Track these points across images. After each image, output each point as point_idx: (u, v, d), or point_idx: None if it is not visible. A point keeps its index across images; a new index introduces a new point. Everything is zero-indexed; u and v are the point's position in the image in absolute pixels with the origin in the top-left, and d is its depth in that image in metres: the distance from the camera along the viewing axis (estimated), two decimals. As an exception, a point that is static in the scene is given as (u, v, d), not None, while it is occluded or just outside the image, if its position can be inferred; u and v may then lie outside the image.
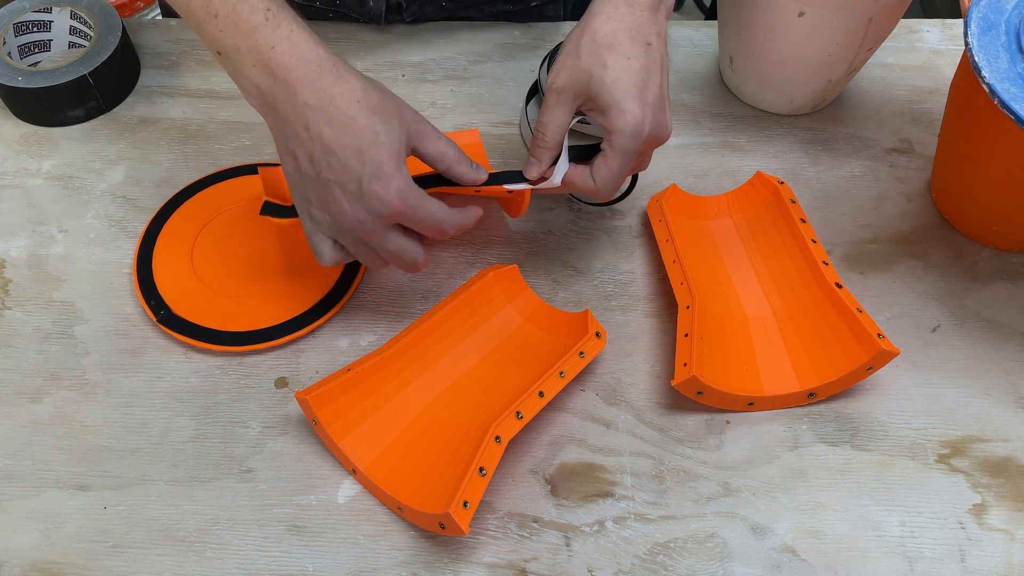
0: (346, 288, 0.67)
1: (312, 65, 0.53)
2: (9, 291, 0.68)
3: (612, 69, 0.56)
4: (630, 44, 0.56)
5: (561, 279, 0.69)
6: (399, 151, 0.55)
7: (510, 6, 0.87)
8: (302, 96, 0.53)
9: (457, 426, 0.59)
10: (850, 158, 0.76)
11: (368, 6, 0.83)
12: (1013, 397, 0.63)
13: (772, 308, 0.65)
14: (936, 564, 0.56)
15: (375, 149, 0.54)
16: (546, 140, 0.59)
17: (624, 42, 0.56)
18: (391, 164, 0.54)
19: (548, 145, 0.59)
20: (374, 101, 0.54)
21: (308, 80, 0.53)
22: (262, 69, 0.54)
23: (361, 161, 0.53)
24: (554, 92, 0.58)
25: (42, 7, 0.79)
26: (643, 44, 0.57)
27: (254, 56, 0.54)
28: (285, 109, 0.54)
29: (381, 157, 0.54)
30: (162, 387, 0.63)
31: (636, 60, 0.56)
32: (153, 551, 0.56)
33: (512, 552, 0.56)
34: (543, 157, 0.60)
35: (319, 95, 0.53)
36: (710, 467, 0.60)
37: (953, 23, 0.86)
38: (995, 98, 0.55)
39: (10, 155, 0.76)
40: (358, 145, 0.53)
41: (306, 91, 0.53)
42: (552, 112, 0.59)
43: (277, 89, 0.54)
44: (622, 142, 0.57)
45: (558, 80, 0.58)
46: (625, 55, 0.56)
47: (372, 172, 0.54)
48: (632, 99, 0.56)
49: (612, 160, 0.57)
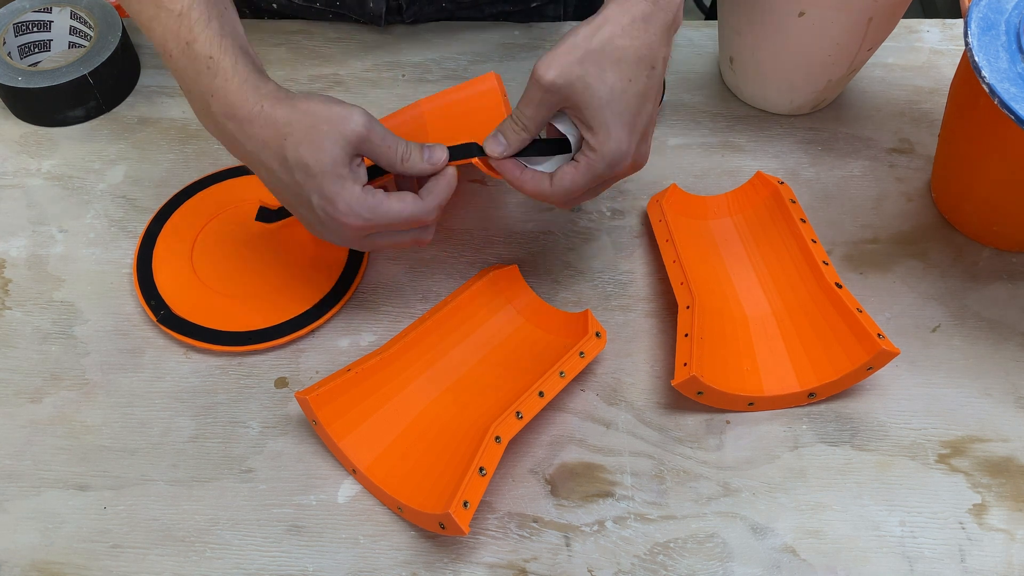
0: (346, 288, 0.67)
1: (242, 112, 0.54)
2: (9, 291, 0.68)
3: (611, 89, 0.53)
4: (636, 65, 0.53)
5: (561, 279, 0.69)
6: (339, 168, 0.54)
7: (510, 7, 0.87)
8: (241, 142, 0.55)
9: (457, 426, 0.59)
10: (850, 158, 0.76)
11: (368, 7, 0.83)
12: (1013, 397, 0.63)
13: (772, 308, 0.65)
14: (936, 564, 0.56)
15: (311, 180, 0.54)
16: (526, 131, 0.56)
17: (632, 62, 0.53)
18: (334, 186, 0.53)
19: (525, 135, 0.56)
20: (301, 134, 0.53)
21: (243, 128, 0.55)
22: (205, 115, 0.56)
23: (304, 194, 0.55)
24: (543, 88, 0.53)
25: (42, 7, 0.79)
26: (649, 67, 0.54)
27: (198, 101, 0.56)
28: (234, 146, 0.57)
29: (321, 185, 0.54)
30: (162, 387, 0.63)
31: (637, 84, 0.53)
32: (153, 551, 0.56)
33: (512, 552, 0.56)
34: (512, 141, 0.57)
35: (252, 141, 0.55)
36: (710, 467, 0.60)
37: (953, 23, 0.86)
38: (995, 98, 0.55)
39: (10, 155, 0.76)
40: (294, 180, 0.54)
41: (242, 137, 0.55)
42: (536, 108, 0.55)
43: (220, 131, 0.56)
44: (598, 165, 0.54)
45: (549, 74, 0.53)
46: (628, 76, 0.53)
47: (318, 202, 0.54)
48: (623, 126, 0.53)
49: (579, 176, 0.55)
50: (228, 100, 0.54)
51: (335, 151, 0.53)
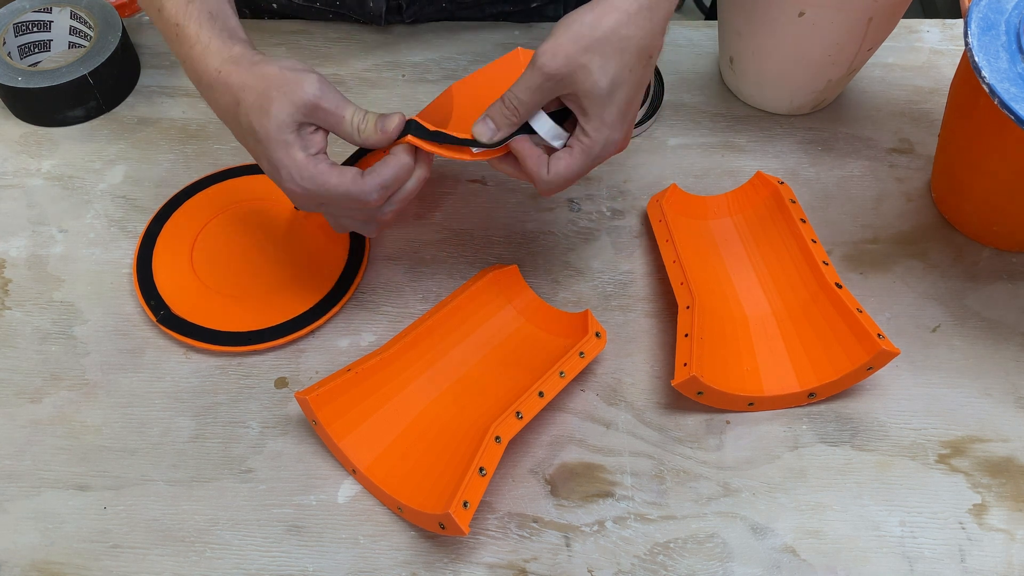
0: (346, 288, 0.67)
1: (205, 78, 0.56)
2: (9, 291, 0.68)
3: (613, 80, 0.52)
4: (636, 56, 0.53)
5: (561, 279, 0.69)
6: (284, 134, 0.53)
7: (510, 7, 0.87)
8: (213, 108, 0.58)
9: (457, 426, 0.59)
10: (850, 158, 0.76)
11: (368, 7, 0.83)
12: (1013, 397, 0.63)
13: (772, 308, 0.65)
14: (936, 564, 0.56)
15: (259, 146, 0.55)
16: (517, 114, 0.54)
17: (634, 52, 0.53)
18: (278, 151, 0.54)
19: (516, 120, 0.55)
20: (252, 99, 0.54)
21: (209, 94, 0.57)
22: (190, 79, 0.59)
23: (260, 157, 0.56)
24: (543, 75, 0.52)
25: (42, 7, 0.79)
26: (647, 56, 0.54)
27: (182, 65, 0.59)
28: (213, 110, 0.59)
29: (268, 150, 0.54)
30: (162, 387, 0.63)
31: (635, 74, 0.53)
32: (153, 551, 0.56)
33: (512, 552, 0.56)
34: (503, 126, 0.55)
35: (217, 107, 0.57)
36: (710, 467, 0.60)
37: (953, 23, 0.86)
38: (995, 98, 0.55)
39: (10, 155, 0.76)
40: (250, 146, 0.56)
41: (211, 103, 0.58)
42: (532, 94, 0.53)
43: (202, 94, 0.58)
44: (594, 150, 0.55)
45: (554, 64, 0.52)
46: (629, 67, 0.53)
47: (267, 167, 0.56)
48: (619, 114, 0.54)
49: (574, 162, 0.55)
50: (193, 67, 0.57)
51: (281, 116, 0.53)
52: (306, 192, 0.55)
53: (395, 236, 0.71)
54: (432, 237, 0.71)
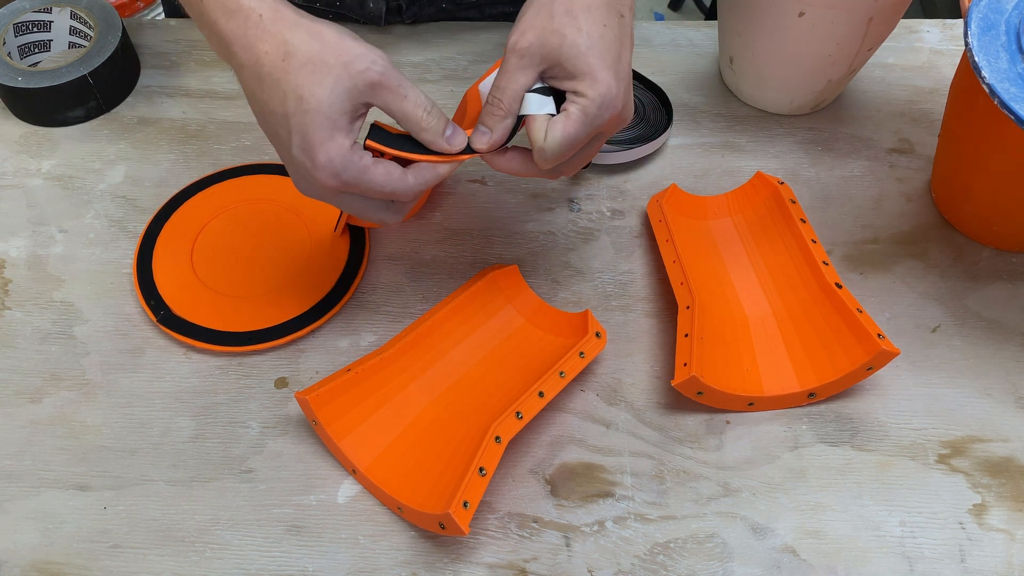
0: (346, 288, 0.67)
1: (239, 19, 0.49)
2: (9, 291, 0.68)
3: (588, 35, 0.51)
4: (607, 12, 0.52)
5: (561, 279, 0.69)
6: (336, 114, 0.48)
7: (510, 8, 0.87)
8: (236, 55, 0.50)
9: (457, 426, 0.59)
10: (850, 158, 0.76)
11: (368, 7, 0.83)
12: (1013, 397, 0.63)
13: (772, 308, 0.65)
14: (936, 564, 0.56)
15: (300, 116, 0.48)
16: (502, 107, 0.52)
17: (601, 8, 0.51)
18: (321, 132, 0.48)
19: (503, 113, 0.53)
20: (305, 57, 0.48)
21: (237, 37, 0.50)
22: (206, 28, 0.52)
23: (288, 129, 0.49)
24: (517, 53, 0.51)
25: (42, 7, 0.79)
26: (617, 15, 0.52)
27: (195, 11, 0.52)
28: (234, 66, 0.52)
29: (307, 124, 0.48)
30: (162, 387, 0.63)
31: (611, 30, 0.52)
32: (153, 551, 0.56)
33: (512, 552, 0.56)
34: (496, 126, 0.53)
35: (247, 53, 0.50)
36: (710, 467, 0.60)
37: (953, 23, 0.86)
38: (995, 98, 0.55)
39: (10, 155, 0.76)
40: (284, 110, 0.49)
41: (237, 48, 0.50)
42: (512, 76, 0.52)
43: (220, 47, 0.51)
44: (591, 109, 0.51)
45: (523, 40, 0.51)
46: (602, 22, 0.51)
47: (299, 143, 0.49)
48: (608, 69, 0.51)
49: (571, 125, 0.51)
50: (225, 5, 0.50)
51: (338, 90, 0.48)
52: (338, 183, 0.50)
53: (395, 236, 0.71)
54: (432, 237, 0.71)
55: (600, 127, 0.53)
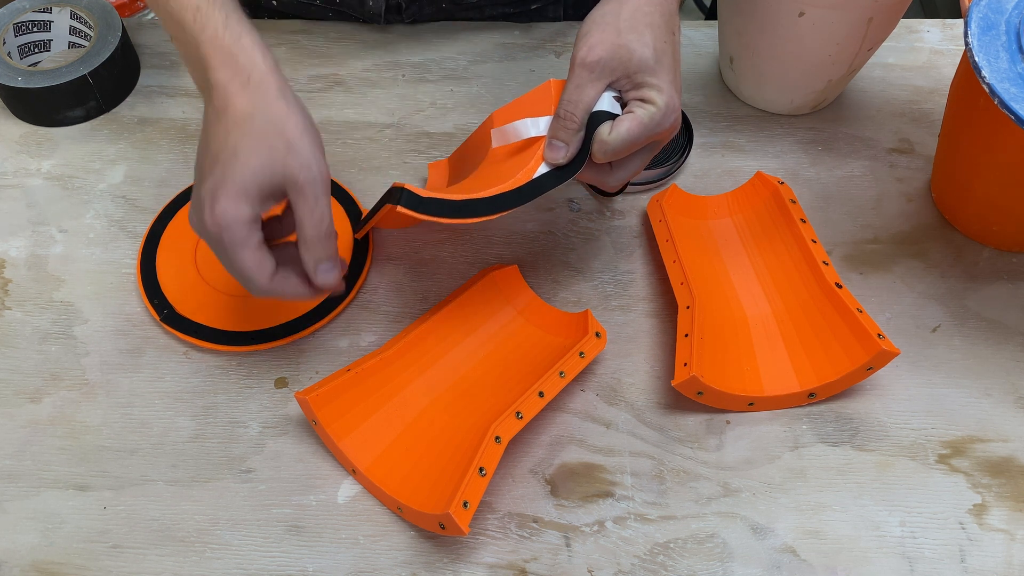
0: (348, 289, 0.67)
1: (229, 70, 0.52)
2: (9, 291, 0.68)
3: (655, 48, 0.55)
4: (665, 29, 0.56)
5: (561, 279, 0.69)
6: (251, 185, 0.50)
7: (510, 8, 0.87)
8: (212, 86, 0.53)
9: (457, 426, 0.59)
10: (850, 158, 0.76)
11: (368, 5, 0.83)
12: (1013, 397, 0.63)
13: (772, 308, 0.65)
14: (936, 564, 0.56)
15: (225, 167, 0.51)
16: (576, 120, 0.56)
17: (661, 26, 0.56)
18: (233, 188, 0.50)
19: (576, 126, 0.56)
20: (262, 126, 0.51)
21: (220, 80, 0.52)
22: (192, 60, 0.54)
23: (212, 168, 0.51)
24: (587, 67, 0.55)
25: (42, 7, 0.79)
26: (671, 32, 0.57)
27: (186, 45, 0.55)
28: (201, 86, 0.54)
29: (227, 176, 0.50)
30: (162, 387, 0.63)
31: (670, 45, 0.56)
32: (153, 551, 0.56)
33: (512, 552, 0.56)
34: (571, 139, 0.56)
35: (221, 91, 0.52)
36: (710, 467, 0.60)
37: (953, 23, 0.86)
38: (995, 98, 0.55)
39: (10, 155, 0.76)
40: (219, 153, 0.51)
41: (214, 81, 0.52)
42: (584, 90, 0.56)
43: (196, 68, 0.54)
44: (656, 116, 0.55)
45: (592, 54, 0.55)
46: (663, 38, 0.56)
47: (212, 186, 0.51)
48: (671, 83, 0.56)
49: (636, 125, 0.55)
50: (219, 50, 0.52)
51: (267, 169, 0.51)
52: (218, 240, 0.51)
53: (395, 236, 0.71)
54: (432, 237, 0.71)
55: (659, 134, 0.57)
